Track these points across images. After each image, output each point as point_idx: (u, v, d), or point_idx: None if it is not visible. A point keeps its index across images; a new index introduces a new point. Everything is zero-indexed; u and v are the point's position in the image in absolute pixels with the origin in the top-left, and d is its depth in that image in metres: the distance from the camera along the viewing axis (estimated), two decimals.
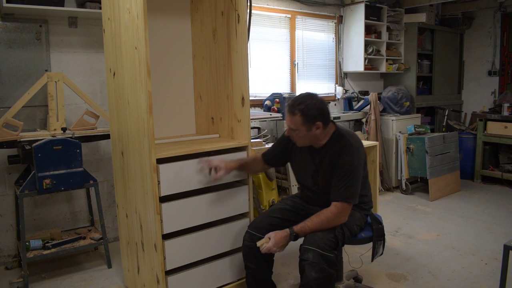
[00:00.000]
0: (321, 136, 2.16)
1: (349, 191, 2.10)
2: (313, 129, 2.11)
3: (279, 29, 4.51)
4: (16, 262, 3.09)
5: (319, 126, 2.11)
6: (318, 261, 1.97)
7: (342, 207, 2.10)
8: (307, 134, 2.13)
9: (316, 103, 2.11)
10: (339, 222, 2.13)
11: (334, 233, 2.09)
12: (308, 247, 2.01)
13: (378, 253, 2.33)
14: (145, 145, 2.16)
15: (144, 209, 2.29)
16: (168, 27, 2.76)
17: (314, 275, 1.96)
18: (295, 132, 2.15)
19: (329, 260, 2.00)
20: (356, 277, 2.71)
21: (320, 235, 2.05)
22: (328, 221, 2.09)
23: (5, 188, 3.07)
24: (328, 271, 1.99)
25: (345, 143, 2.16)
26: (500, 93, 5.79)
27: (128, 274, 2.69)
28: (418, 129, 4.87)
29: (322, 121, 2.12)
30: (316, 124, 2.10)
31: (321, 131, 2.14)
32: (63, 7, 3.00)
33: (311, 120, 2.09)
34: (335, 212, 2.09)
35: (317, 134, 2.13)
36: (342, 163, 2.11)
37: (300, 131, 2.12)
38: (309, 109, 2.08)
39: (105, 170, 3.46)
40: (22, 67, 3.05)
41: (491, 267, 2.96)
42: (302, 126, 2.10)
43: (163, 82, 2.76)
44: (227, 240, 2.48)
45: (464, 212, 4.20)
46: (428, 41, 5.69)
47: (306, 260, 1.99)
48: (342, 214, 2.11)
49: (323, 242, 2.01)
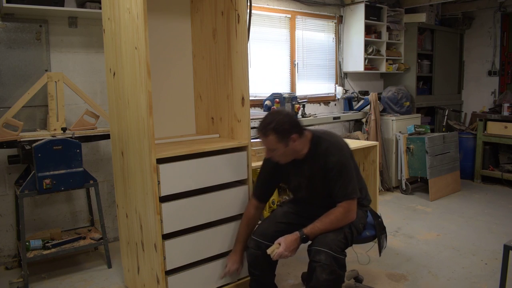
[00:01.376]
0: (299, 146, 2.15)
1: (349, 187, 2.12)
2: (290, 143, 2.10)
3: (279, 29, 4.51)
4: (16, 262, 3.09)
5: (295, 139, 2.10)
6: (330, 263, 1.96)
7: (348, 205, 2.12)
8: (286, 150, 2.11)
9: (284, 118, 2.10)
10: (349, 220, 2.14)
11: (344, 233, 2.09)
12: (320, 249, 2.00)
13: (383, 247, 2.35)
14: (145, 145, 2.16)
15: (144, 209, 2.29)
16: (168, 27, 2.76)
17: (325, 277, 1.95)
18: (274, 152, 2.13)
19: (340, 262, 2.00)
20: (357, 277, 2.72)
21: (332, 236, 2.04)
22: (338, 221, 2.10)
23: (5, 188, 3.07)
24: (338, 273, 1.99)
25: (326, 145, 2.16)
26: (500, 93, 5.79)
27: (128, 274, 2.69)
28: (418, 129, 4.87)
29: (297, 132, 2.11)
30: (291, 138, 2.09)
31: (299, 142, 2.13)
32: (63, 7, 3.00)
33: (286, 135, 2.07)
34: (343, 211, 2.11)
35: (295, 147, 2.13)
36: (331, 165, 2.11)
37: (278, 149, 2.11)
38: (280, 125, 2.06)
39: (105, 170, 3.46)
40: (22, 67, 3.05)
41: (491, 267, 2.96)
42: (278, 143, 2.08)
43: (163, 82, 2.76)
44: (227, 240, 2.48)
45: (464, 212, 4.20)
46: (428, 41, 5.69)
47: (318, 262, 1.97)
48: (350, 212, 2.13)
49: (335, 243, 2.01)
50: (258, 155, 2.80)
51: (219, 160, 2.41)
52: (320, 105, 4.96)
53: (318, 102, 4.94)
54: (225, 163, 2.43)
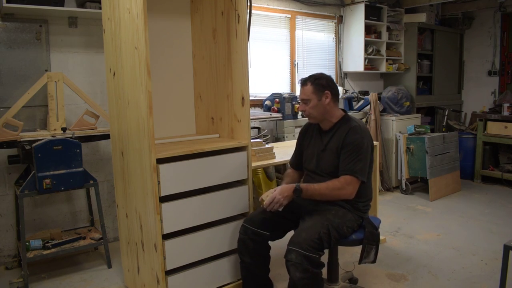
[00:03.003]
0: (331, 110, 2.28)
1: (358, 165, 2.16)
2: (323, 98, 2.25)
3: (279, 29, 4.51)
4: (16, 262, 3.09)
5: (328, 96, 2.26)
6: (301, 261, 1.98)
7: (351, 180, 2.15)
8: (318, 104, 2.25)
9: (326, 77, 2.30)
10: (344, 194, 2.16)
11: (319, 234, 2.07)
12: (291, 248, 2.03)
13: (368, 258, 2.24)
14: (145, 145, 2.16)
15: (144, 209, 2.29)
16: (168, 27, 2.76)
17: (298, 275, 1.99)
18: (307, 104, 2.27)
19: (313, 260, 2.00)
20: (352, 278, 2.69)
21: (304, 235, 2.05)
22: (333, 189, 2.15)
23: (5, 188, 3.07)
24: (312, 271, 2.00)
25: (354, 124, 2.26)
26: (500, 93, 5.79)
27: (128, 274, 2.69)
28: (418, 129, 4.87)
29: (331, 92, 2.27)
30: (325, 93, 2.25)
31: (331, 103, 2.27)
32: (63, 7, 2.99)
33: (321, 89, 2.25)
34: (342, 182, 2.16)
35: (326, 106, 2.26)
36: (350, 141, 2.19)
37: (311, 100, 2.25)
38: (319, 79, 2.27)
39: (105, 170, 3.46)
40: (22, 67, 3.05)
41: (491, 267, 2.96)
42: (313, 94, 2.25)
43: (163, 82, 2.76)
44: (227, 240, 2.48)
45: (464, 212, 4.20)
46: (428, 41, 5.69)
47: (290, 260, 2.01)
48: (348, 187, 2.15)
49: (306, 243, 2.02)
50: (258, 155, 2.80)
51: (219, 160, 2.41)
52: None
53: None
54: (225, 163, 2.44)
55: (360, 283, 2.72)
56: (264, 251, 2.34)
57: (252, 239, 2.27)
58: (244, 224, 2.33)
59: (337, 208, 2.24)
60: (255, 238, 2.27)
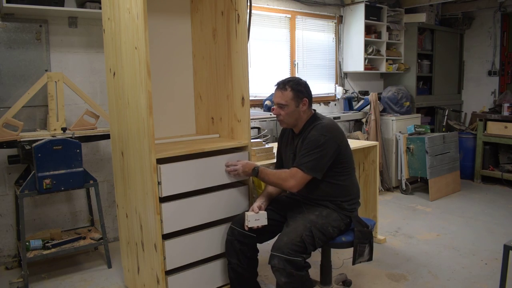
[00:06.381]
0: (303, 116, 2.29)
1: (307, 160, 2.16)
2: (301, 105, 2.25)
3: (279, 29, 4.51)
4: (16, 262, 3.09)
5: (305, 103, 2.27)
6: (284, 266, 1.98)
7: (296, 172, 2.18)
8: (295, 110, 2.25)
9: (303, 82, 2.30)
10: (287, 185, 2.20)
11: (301, 236, 2.06)
12: (273, 253, 2.03)
13: (363, 258, 2.24)
14: (145, 145, 2.16)
15: (144, 209, 2.29)
16: (168, 27, 2.76)
17: (283, 280, 2.00)
18: (283, 109, 2.26)
19: (297, 264, 2.00)
20: (345, 280, 2.68)
21: (285, 240, 2.05)
22: (279, 178, 2.23)
23: (5, 188, 3.07)
24: (297, 275, 1.99)
25: (317, 122, 2.27)
26: (500, 93, 5.79)
27: (128, 274, 2.69)
28: (418, 129, 4.87)
29: (308, 99, 2.28)
30: (303, 100, 2.26)
31: (305, 110, 2.28)
32: (63, 7, 3.00)
33: (300, 95, 2.25)
34: (288, 174, 2.20)
35: (301, 113, 2.27)
36: (309, 137, 2.22)
37: (289, 106, 2.24)
38: (298, 85, 2.26)
39: (105, 170, 3.46)
40: (22, 67, 3.05)
41: (491, 267, 2.96)
42: (291, 100, 2.24)
43: (163, 82, 2.76)
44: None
45: (464, 212, 4.20)
46: (428, 41, 5.69)
47: (274, 266, 2.02)
48: (291, 180, 2.18)
49: (288, 247, 2.01)
50: (258, 155, 2.80)
51: (219, 160, 2.41)
52: (320, 105, 4.96)
53: (318, 102, 4.94)
54: (225, 163, 2.43)
55: (360, 283, 2.72)
56: (251, 253, 2.34)
57: (239, 240, 2.28)
58: (231, 225, 2.35)
59: (321, 208, 2.25)
60: (242, 240, 2.28)
